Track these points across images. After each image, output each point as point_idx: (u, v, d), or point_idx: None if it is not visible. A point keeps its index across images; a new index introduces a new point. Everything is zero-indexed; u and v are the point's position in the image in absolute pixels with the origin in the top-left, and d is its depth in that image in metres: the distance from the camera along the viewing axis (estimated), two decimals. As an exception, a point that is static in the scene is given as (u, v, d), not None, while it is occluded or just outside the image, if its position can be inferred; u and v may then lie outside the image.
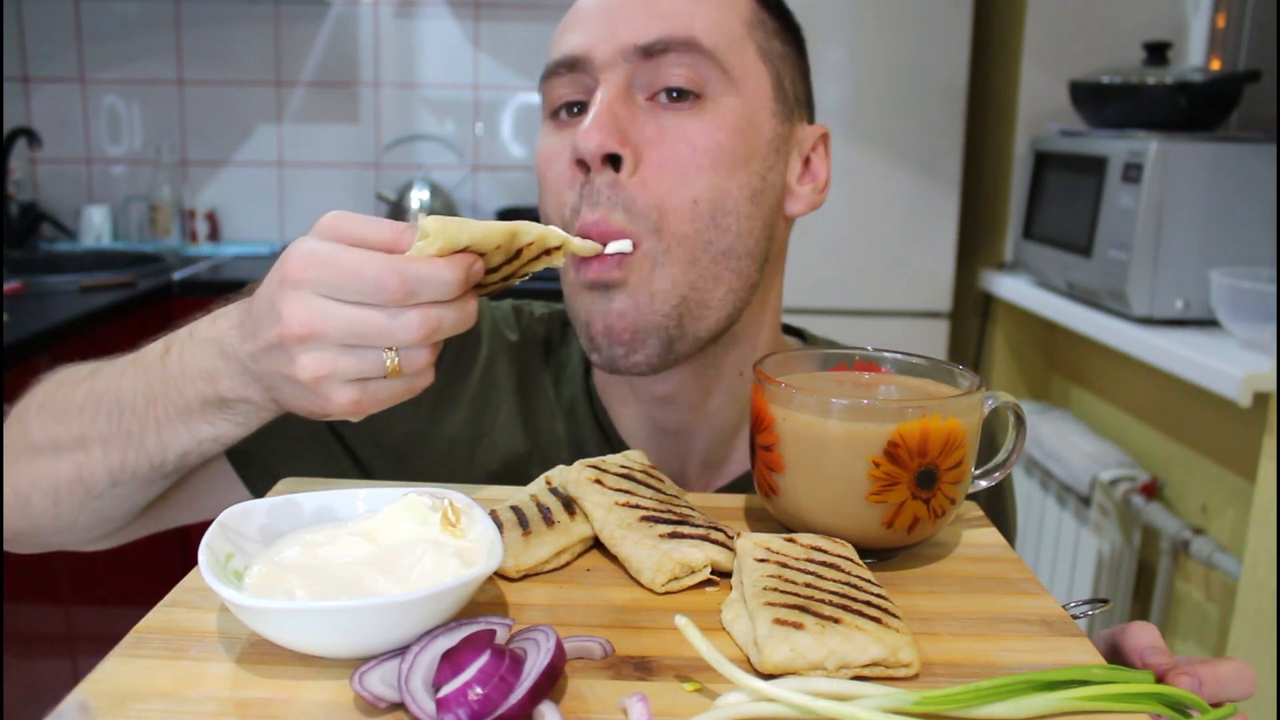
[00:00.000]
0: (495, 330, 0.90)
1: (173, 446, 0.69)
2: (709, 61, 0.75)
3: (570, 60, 0.76)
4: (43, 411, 0.76)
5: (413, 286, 0.56)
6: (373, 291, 0.56)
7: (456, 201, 2.98)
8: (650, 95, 0.75)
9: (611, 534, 0.62)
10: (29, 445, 0.76)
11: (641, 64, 0.75)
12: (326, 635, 0.49)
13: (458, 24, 2.98)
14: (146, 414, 0.69)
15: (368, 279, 0.56)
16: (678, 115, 0.75)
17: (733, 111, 0.76)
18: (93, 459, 0.72)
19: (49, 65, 2.95)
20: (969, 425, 0.63)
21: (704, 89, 0.75)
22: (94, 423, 0.72)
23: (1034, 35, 2.37)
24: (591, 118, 0.73)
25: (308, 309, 0.57)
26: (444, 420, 0.87)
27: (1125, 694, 0.49)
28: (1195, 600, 1.87)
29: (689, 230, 0.74)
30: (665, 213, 0.74)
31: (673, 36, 0.74)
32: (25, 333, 1.88)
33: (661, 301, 0.75)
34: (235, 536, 0.57)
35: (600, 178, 0.74)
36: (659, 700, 0.48)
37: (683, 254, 0.75)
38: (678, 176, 0.74)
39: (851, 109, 2.40)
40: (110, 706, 0.46)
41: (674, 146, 0.74)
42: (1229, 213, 1.82)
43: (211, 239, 2.98)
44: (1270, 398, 1.52)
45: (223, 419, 0.68)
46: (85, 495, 0.74)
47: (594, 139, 0.72)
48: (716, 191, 0.75)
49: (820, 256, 2.42)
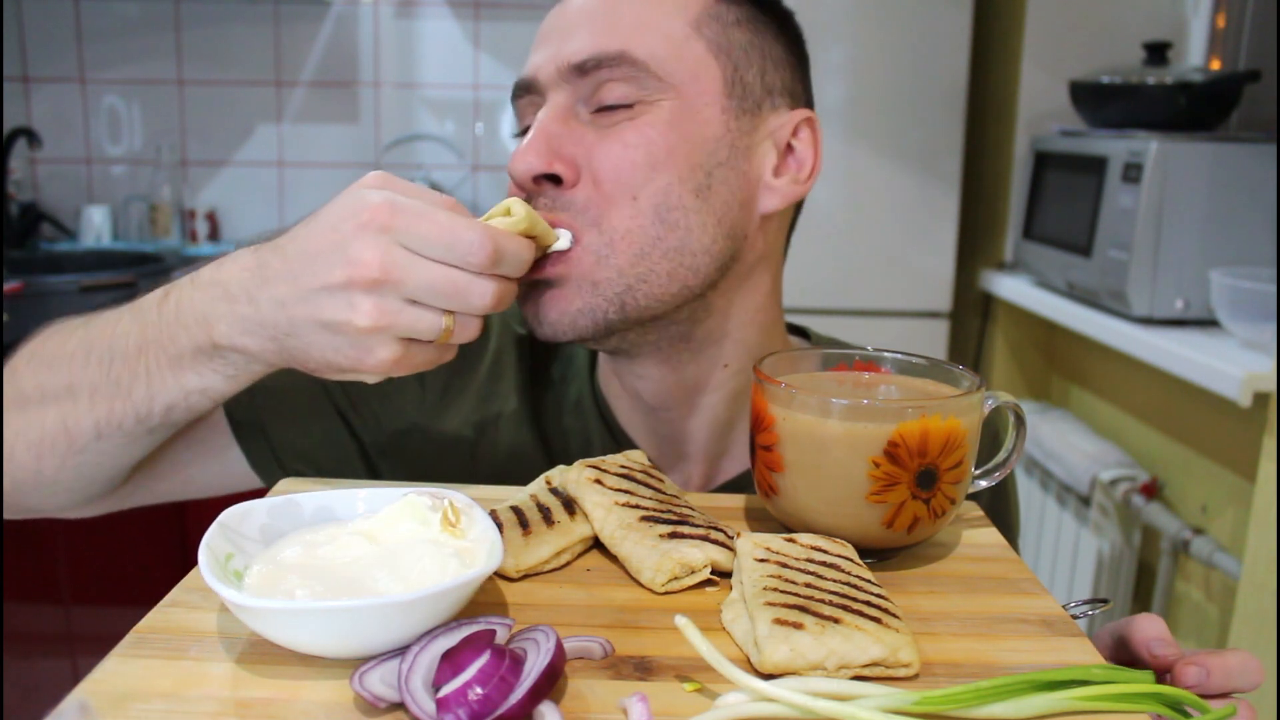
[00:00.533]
0: (505, 324, 0.90)
1: (160, 397, 0.68)
2: (643, 73, 0.75)
3: (526, 83, 0.79)
4: (33, 361, 0.75)
5: (501, 256, 0.61)
6: (465, 253, 0.59)
7: (456, 201, 2.98)
8: (594, 111, 0.76)
9: (611, 534, 0.62)
10: (18, 396, 0.74)
11: (579, 81, 0.76)
12: (326, 635, 0.49)
13: (458, 24, 2.98)
14: (137, 362, 0.68)
15: (464, 239, 0.59)
16: (614, 127, 0.76)
17: (668, 111, 0.76)
18: (79, 408, 0.70)
19: (49, 65, 2.95)
20: (969, 425, 0.63)
21: (639, 98, 0.76)
22: (84, 371, 0.70)
23: (1034, 35, 2.37)
24: (526, 141, 0.75)
25: (389, 255, 0.58)
26: (450, 410, 0.87)
27: (1125, 694, 0.49)
28: (1195, 600, 1.87)
29: (631, 225, 0.74)
30: (605, 209, 0.74)
31: (603, 53, 0.75)
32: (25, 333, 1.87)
33: (605, 287, 0.75)
34: (235, 536, 0.57)
35: (538, 192, 0.75)
36: (659, 700, 0.48)
37: (628, 248, 0.74)
38: (614, 177, 0.75)
39: (851, 109, 2.40)
40: (110, 706, 0.46)
41: (608, 149, 0.75)
42: (1229, 213, 1.82)
43: (211, 239, 2.98)
44: (1270, 398, 1.52)
45: (212, 369, 0.66)
46: (69, 448, 0.72)
47: (522, 161, 0.74)
48: (655, 188, 0.75)
49: (820, 256, 2.42)
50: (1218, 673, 0.59)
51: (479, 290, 0.60)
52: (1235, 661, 0.60)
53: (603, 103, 0.75)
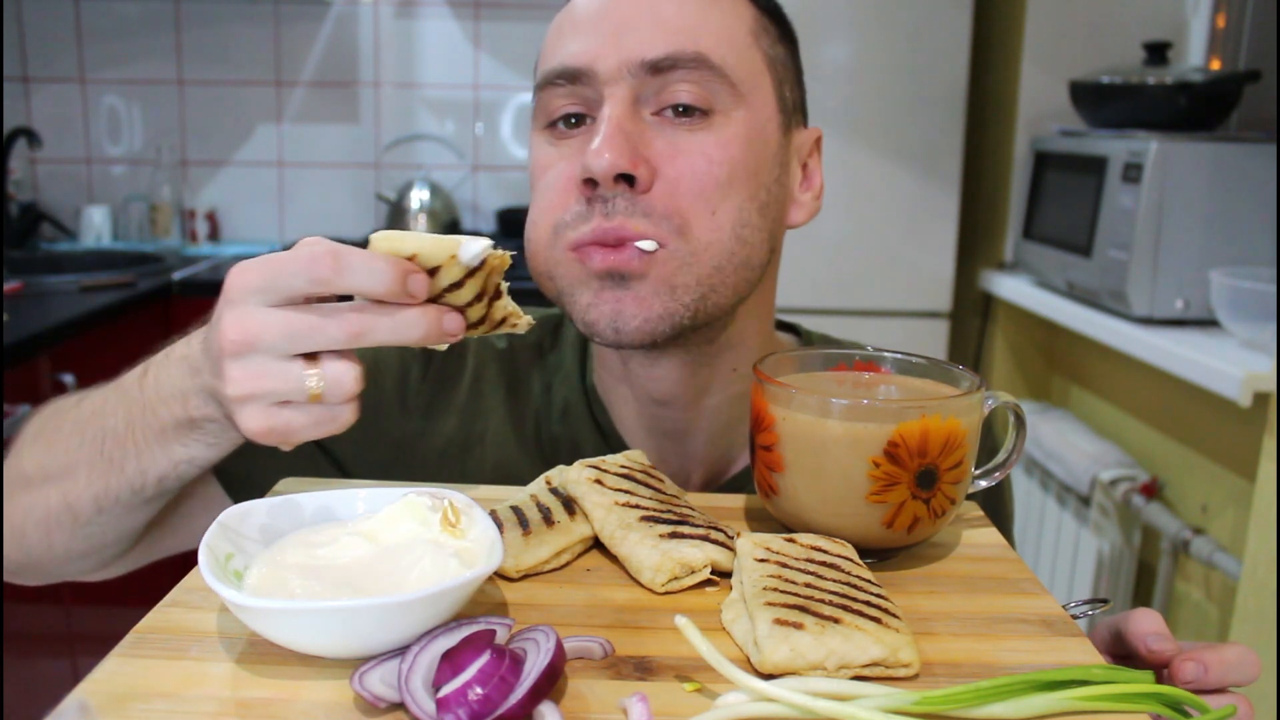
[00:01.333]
0: (482, 340, 0.90)
1: (151, 470, 0.69)
2: (717, 77, 0.74)
3: (571, 72, 0.75)
4: (34, 443, 0.77)
5: (345, 265, 0.56)
6: (307, 267, 0.56)
7: (456, 202, 2.98)
8: (657, 110, 0.74)
9: (611, 534, 0.62)
10: (22, 477, 0.76)
11: (648, 79, 0.73)
12: (326, 635, 0.49)
13: (458, 24, 2.98)
14: (126, 439, 0.69)
15: (302, 256, 0.56)
16: (689, 130, 0.74)
17: (743, 125, 0.75)
18: (78, 486, 0.72)
19: (49, 65, 2.95)
20: (969, 425, 0.63)
21: (713, 104, 0.74)
22: (80, 450, 0.72)
23: (1034, 35, 2.37)
24: (602, 137, 0.71)
25: (245, 317, 0.57)
26: (434, 431, 0.87)
27: (1125, 694, 0.49)
28: (1195, 600, 1.87)
29: (712, 239, 0.74)
30: (686, 219, 0.73)
31: (681, 52, 0.73)
32: (25, 333, 1.88)
33: (683, 294, 0.74)
34: (235, 536, 0.57)
35: (613, 192, 0.72)
36: (659, 700, 0.48)
37: (709, 259, 0.74)
38: (696, 191, 0.73)
39: (851, 109, 2.40)
40: (110, 706, 0.46)
41: (689, 161, 0.73)
42: (1229, 213, 1.82)
43: (211, 239, 2.98)
44: (1270, 398, 1.52)
45: (194, 440, 0.67)
46: (74, 523, 0.74)
47: (606, 158, 0.71)
48: (732, 205, 0.74)
49: (820, 256, 2.42)
50: (1215, 668, 0.60)
51: (333, 322, 0.57)
52: (1233, 656, 0.60)
53: (672, 103, 0.74)
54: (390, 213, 2.90)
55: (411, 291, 0.56)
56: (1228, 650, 0.61)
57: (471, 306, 0.60)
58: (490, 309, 0.61)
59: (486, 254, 0.58)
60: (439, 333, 0.58)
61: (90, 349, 2.12)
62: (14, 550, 0.78)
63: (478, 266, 0.58)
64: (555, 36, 0.78)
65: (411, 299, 0.57)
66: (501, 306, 0.62)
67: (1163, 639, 0.62)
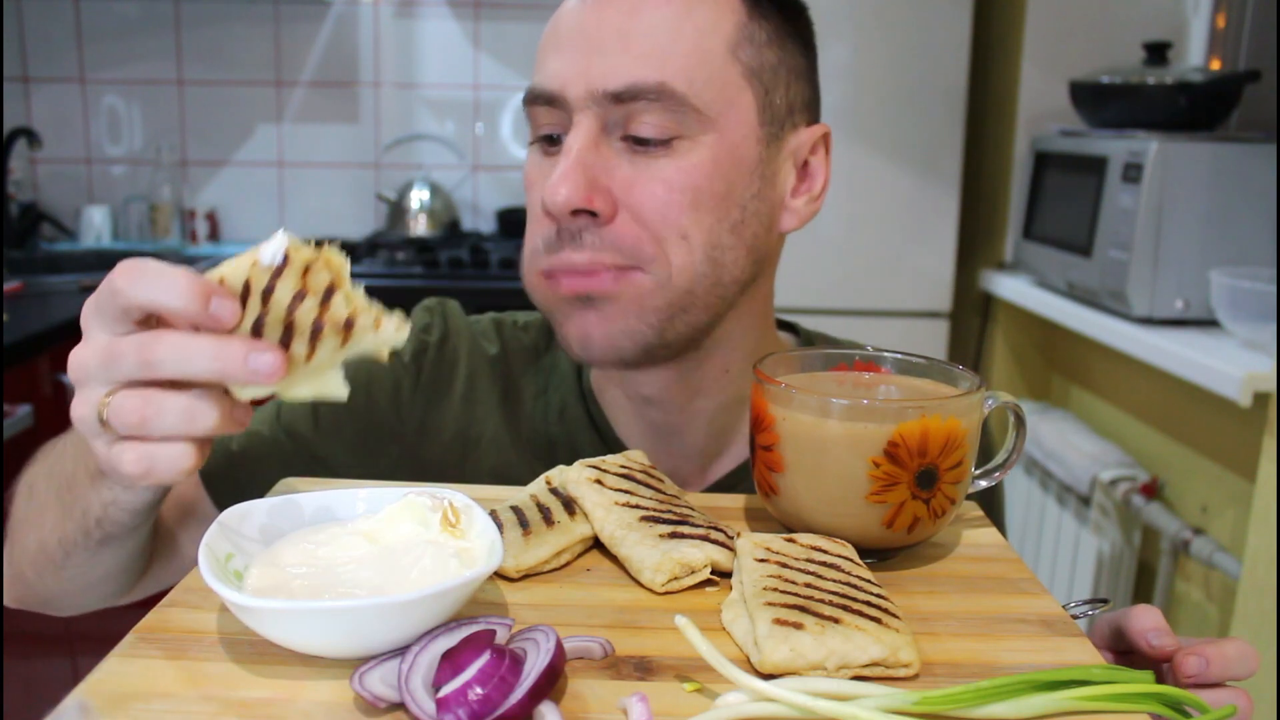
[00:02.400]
0: (474, 346, 0.90)
1: (90, 512, 0.69)
2: (681, 105, 0.73)
3: (547, 95, 0.75)
4: (24, 489, 0.78)
5: (139, 273, 0.52)
6: (109, 279, 0.53)
7: (456, 202, 2.98)
8: (623, 136, 0.74)
9: (611, 534, 0.62)
10: (16, 521, 0.78)
11: (612, 107, 0.73)
12: (326, 635, 0.49)
13: (458, 24, 2.98)
14: (74, 482, 0.69)
15: (114, 270, 0.53)
16: (649, 160, 0.74)
17: (709, 149, 0.74)
18: (45, 530, 0.73)
19: (49, 65, 2.95)
20: (969, 425, 0.63)
21: (678, 132, 0.73)
22: (47, 496, 0.73)
23: (1034, 35, 2.37)
24: (560, 171, 0.72)
25: (84, 345, 0.55)
26: (430, 440, 0.87)
27: (1125, 694, 0.49)
28: (1195, 600, 1.87)
29: (686, 262, 0.74)
30: (659, 245, 0.74)
31: (642, 84, 0.72)
32: (25, 333, 1.88)
33: (650, 314, 0.75)
34: (235, 536, 0.57)
35: (578, 224, 0.73)
36: (659, 700, 0.48)
37: (681, 282, 0.75)
38: (659, 219, 0.74)
39: (851, 109, 2.40)
40: (110, 706, 0.46)
41: (649, 189, 0.73)
42: (1229, 213, 1.82)
43: (211, 239, 2.98)
44: (1270, 398, 1.52)
45: (113, 483, 0.65)
46: (50, 565, 0.74)
47: (561, 194, 0.71)
48: (702, 229, 0.75)
49: (820, 256, 2.42)
50: (1216, 661, 0.60)
51: (134, 347, 0.52)
52: (1233, 650, 0.61)
53: (636, 133, 0.73)
54: (390, 212, 2.90)
55: (214, 313, 0.51)
56: (1228, 645, 0.61)
57: (299, 310, 0.53)
58: (325, 310, 0.53)
59: (285, 248, 0.52)
60: (242, 368, 0.51)
61: (90, 349, 2.12)
62: (25, 591, 0.80)
63: (283, 264, 0.52)
64: (542, 49, 0.78)
65: (215, 322, 0.51)
66: (342, 304, 0.54)
67: (1163, 634, 0.62)
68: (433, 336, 0.89)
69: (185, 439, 0.54)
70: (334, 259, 0.54)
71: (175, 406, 0.53)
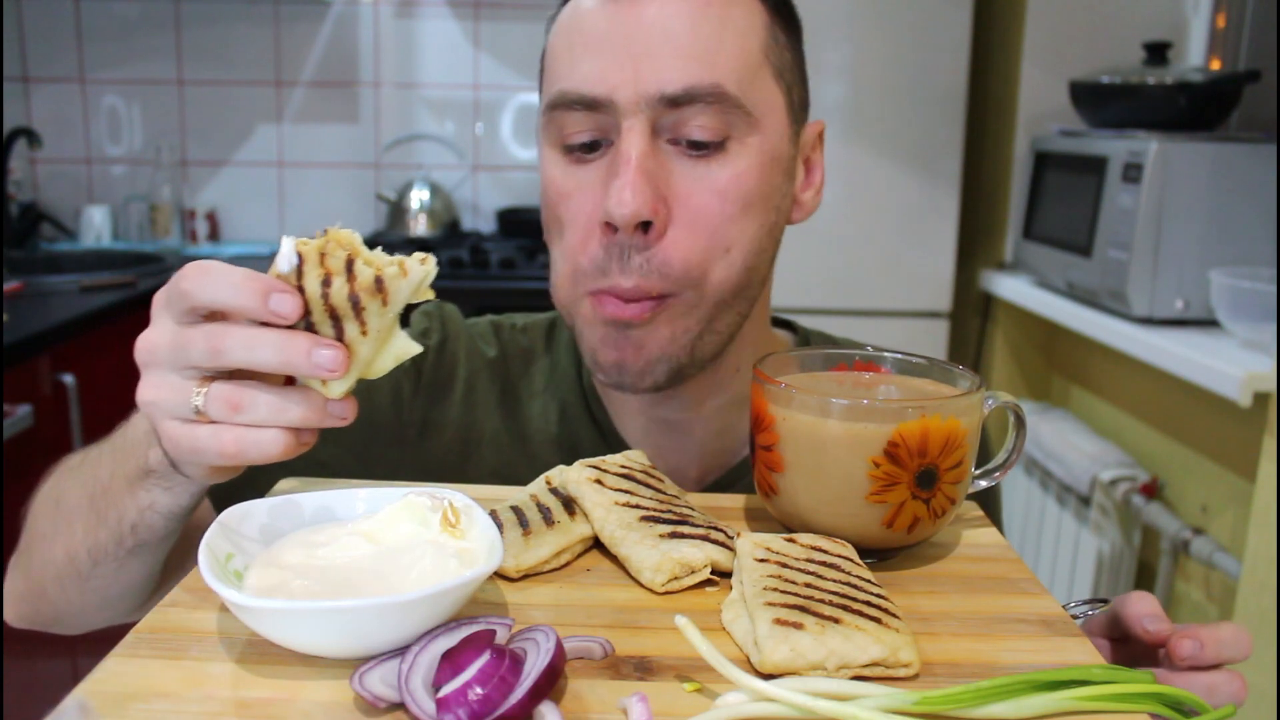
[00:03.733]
0: (472, 349, 0.90)
1: (125, 518, 0.69)
2: (733, 107, 0.72)
3: (589, 100, 0.73)
4: (45, 500, 0.78)
5: (205, 275, 0.55)
6: (176, 279, 0.56)
7: (456, 202, 2.98)
8: (672, 139, 0.73)
9: (611, 534, 0.62)
10: (38, 535, 0.77)
11: (665, 111, 0.72)
12: (326, 635, 0.49)
13: (458, 24, 2.98)
14: (109, 489, 0.69)
15: (182, 270, 0.57)
16: (704, 164, 0.73)
17: (756, 151, 0.74)
18: (75, 539, 0.73)
19: (49, 65, 2.95)
20: (969, 425, 0.63)
21: (728, 134, 0.73)
22: (78, 503, 0.73)
23: (1034, 35, 2.37)
24: (624, 180, 0.71)
25: (150, 329, 0.59)
26: (432, 442, 0.88)
27: (1125, 694, 0.49)
28: (1195, 600, 1.87)
29: (723, 278, 0.75)
30: (705, 268, 0.74)
31: (698, 86, 0.71)
32: (25, 333, 1.88)
33: (681, 335, 0.75)
34: (235, 536, 0.57)
35: (630, 240, 0.72)
36: (659, 700, 0.48)
37: (716, 298, 0.75)
38: (709, 231, 0.73)
39: (851, 109, 2.40)
40: (110, 706, 0.46)
41: (703, 200, 0.73)
42: (1229, 213, 1.82)
43: (211, 239, 2.98)
44: (1270, 398, 1.52)
45: (153, 484, 0.66)
46: (77, 576, 0.74)
47: (629, 206, 0.70)
48: (746, 237, 0.75)
49: (820, 256, 2.42)
50: (1211, 645, 0.61)
51: (203, 337, 0.55)
52: (1227, 634, 0.62)
53: (689, 136, 0.72)
54: (390, 212, 2.90)
55: (274, 309, 0.53)
56: (1222, 628, 0.62)
57: (332, 294, 0.54)
58: (354, 280, 0.54)
59: (294, 247, 0.54)
60: (306, 361, 0.54)
61: (90, 349, 2.12)
62: (43, 604, 0.79)
63: (299, 263, 0.54)
64: (566, 52, 0.75)
65: (276, 317, 0.54)
66: (365, 268, 0.54)
67: (1158, 619, 0.63)
68: (432, 340, 0.89)
69: (276, 427, 0.57)
70: (340, 235, 0.55)
71: (267, 398, 0.56)
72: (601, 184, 0.73)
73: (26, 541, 0.78)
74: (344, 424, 0.58)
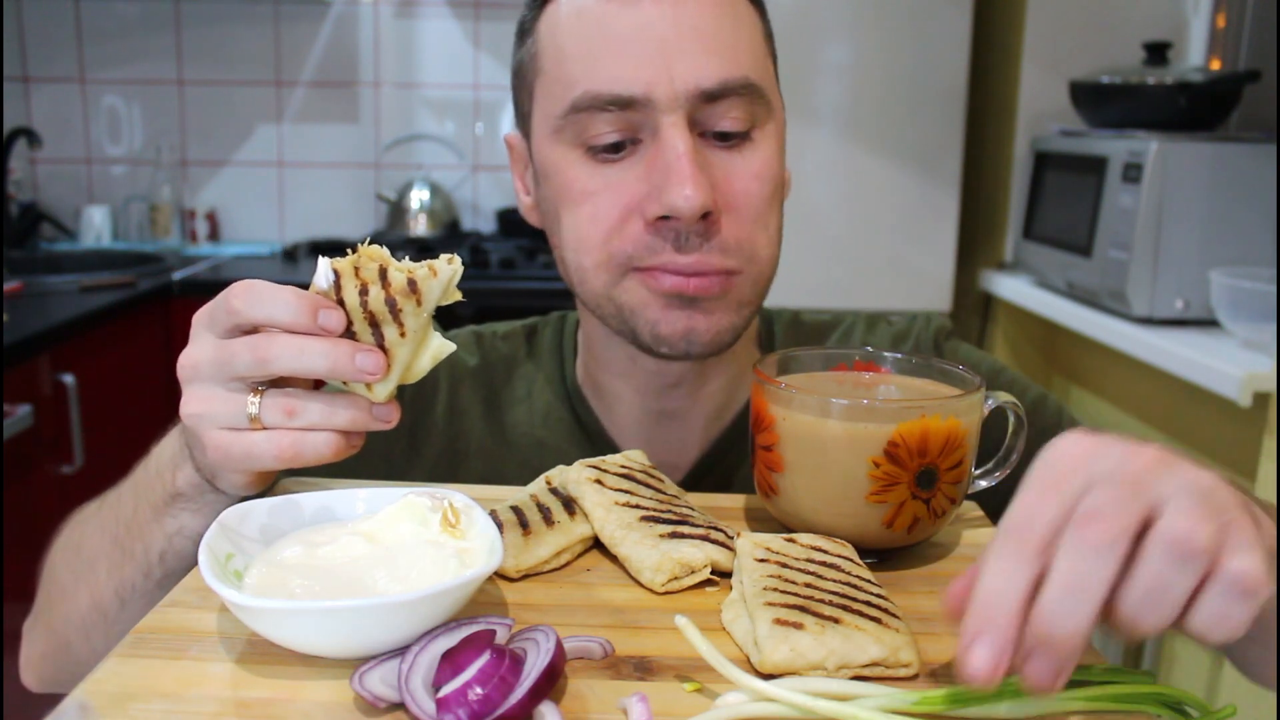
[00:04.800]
0: (453, 360, 0.91)
1: (153, 547, 0.70)
2: (758, 98, 0.76)
3: (624, 100, 0.73)
4: (64, 551, 0.78)
5: (254, 295, 0.58)
6: (225, 298, 0.59)
7: (456, 202, 2.98)
8: (701, 133, 0.75)
9: (611, 534, 0.62)
10: (59, 587, 0.77)
11: (702, 106, 0.74)
12: (326, 635, 0.49)
13: (458, 24, 2.98)
14: (133, 523, 0.70)
15: (229, 290, 0.59)
16: (739, 154, 0.76)
17: (774, 137, 0.78)
18: (99, 582, 0.73)
19: (49, 65, 2.95)
20: (969, 425, 0.63)
21: (754, 123, 0.76)
22: (100, 545, 0.73)
23: (1034, 35, 2.37)
24: (685, 176, 0.71)
25: (192, 345, 0.61)
26: (420, 456, 0.88)
27: (1125, 694, 0.49)
28: (1195, 600, 1.86)
29: (769, 256, 0.79)
30: (754, 245, 0.77)
31: (731, 79, 0.74)
32: (25, 333, 1.88)
33: (745, 308, 0.78)
34: (235, 536, 0.57)
35: (689, 228, 0.74)
36: (659, 700, 0.48)
37: (766, 276, 0.79)
38: (754, 215, 0.76)
39: (851, 109, 2.40)
40: (110, 706, 0.46)
41: (745, 187, 0.76)
42: (1229, 213, 1.82)
43: (211, 239, 2.98)
44: (1270, 398, 1.51)
45: (181, 508, 0.68)
46: (103, 621, 0.74)
47: (693, 199, 0.71)
48: (776, 216, 0.79)
49: (820, 257, 2.42)
50: None
51: (248, 348, 0.58)
52: None
53: (720, 128, 0.75)
54: (390, 212, 2.90)
55: (323, 324, 0.57)
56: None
57: (370, 302, 0.57)
58: (388, 287, 0.58)
59: (331, 265, 0.58)
60: (351, 366, 0.57)
61: (90, 349, 2.12)
62: (66, 661, 0.78)
63: (336, 278, 0.57)
64: (586, 54, 0.75)
65: (324, 331, 0.57)
66: (398, 274, 0.58)
67: None
68: None
69: (328, 429, 0.59)
70: (372, 250, 0.58)
71: (317, 404, 0.59)
72: (637, 180, 0.74)
73: (45, 599, 0.78)
74: (389, 427, 0.60)
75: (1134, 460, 0.45)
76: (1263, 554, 0.44)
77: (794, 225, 0.85)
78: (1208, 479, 0.45)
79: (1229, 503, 0.45)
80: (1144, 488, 0.44)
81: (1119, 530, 0.43)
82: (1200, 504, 0.43)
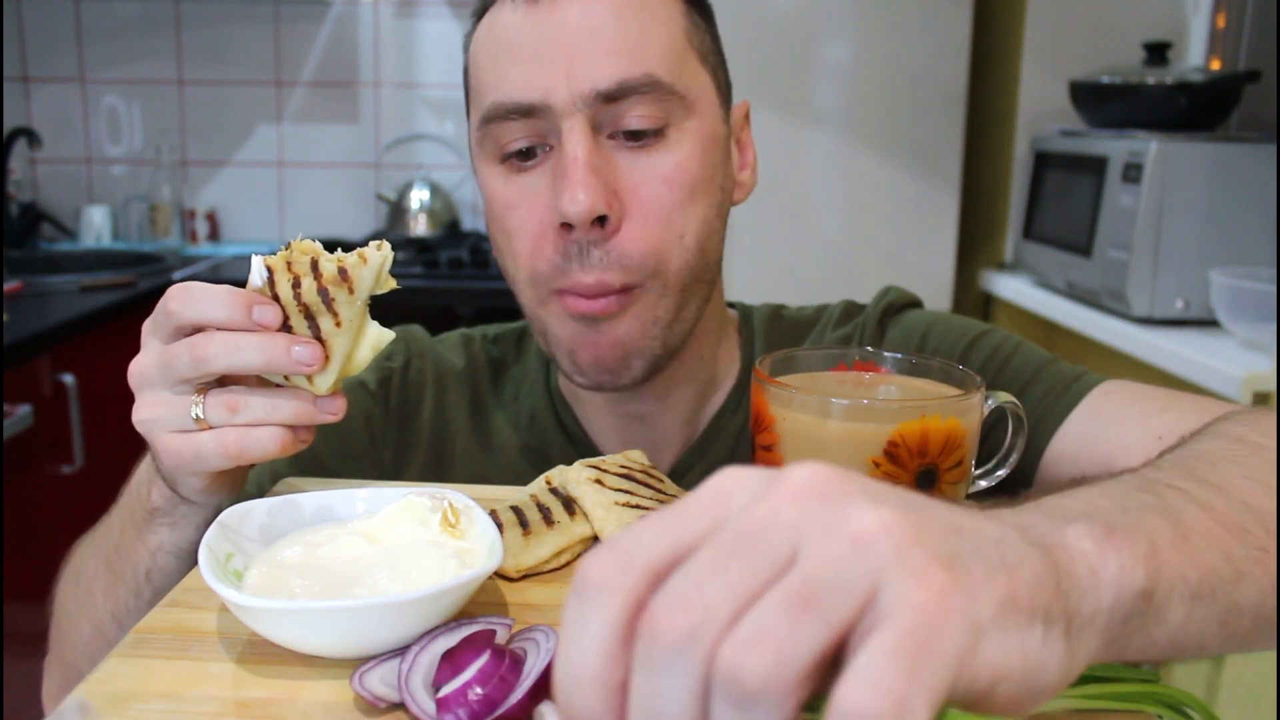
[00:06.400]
0: (439, 362, 0.91)
1: (139, 566, 0.70)
2: (668, 94, 0.73)
3: (524, 107, 0.73)
4: (66, 581, 0.79)
5: (188, 296, 0.59)
6: (163, 302, 0.60)
7: (456, 202, 2.98)
8: (611, 133, 0.74)
9: (611, 534, 0.62)
10: (65, 617, 0.78)
11: (602, 107, 0.72)
12: (326, 635, 0.49)
13: (458, 24, 2.98)
14: (121, 543, 0.71)
15: (166, 293, 0.60)
16: (646, 154, 0.74)
17: (695, 135, 0.75)
18: (97, 605, 0.73)
19: (49, 65, 2.95)
20: (969, 425, 0.63)
21: (666, 121, 0.74)
22: (95, 570, 0.74)
23: (1034, 35, 2.37)
24: (574, 180, 0.71)
25: (140, 353, 0.62)
26: (408, 461, 0.88)
27: (1125, 694, 0.49)
28: (1195, 600, 1.86)
29: (680, 264, 0.75)
30: (660, 256, 0.74)
31: (630, 78, 0.72)
32: (25, 333, 1.88)
33: (652, 327, 0.76)
34: (235, 536, 0.57)
35: (587, 237, 0.73)
36: (659, 700, 0.48)
37: (677, 285, 0.76)
38: (663, 220, 0.74)
39: (851, 109, 2.40)
40: (110, 706, 0.46)
41: (652, 189, 0.74)
42: (1229, 213, 1.82)
43: (211, 239, 2.98)
44: (1270, 398, 1.51)
45: (159, 523, 0.68)
46: (106, 646, 0.73)
47: (582, 203, 0.70)
48: (696, 220, 0.76)
49: (820, 256, 2.42)
50: None
51: (186, 349, 0.58)
52: None
53: (627, 128, 0.73)
54: (390, 212, 2.90)
55: (258, 320, 0.57)
56: None
57: (302, 293, 0.58)
58: (319, 277, 0.58)
59: (264, 263, 0.59)
60: (287, 358, 0.57)
61: (90, 349, 2.12)
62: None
63: (270, 275, 0.58)
64: (491, 65, 0.76)
65: (260, 326, 0.58)
66: (328, 263, 0.58)
67: None
68: (396, 363, 0.90)
69: (272, 424, 0.60)
70: (304, 244, 0.59)
71: (259, 399, 0.60)
72: (547, 189, 0.74)
73: (55, 630, 0.79)
74: (336, 419, 0.60)
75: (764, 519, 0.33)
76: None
77: (794, 225, 0.85)
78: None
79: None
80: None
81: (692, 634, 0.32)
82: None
